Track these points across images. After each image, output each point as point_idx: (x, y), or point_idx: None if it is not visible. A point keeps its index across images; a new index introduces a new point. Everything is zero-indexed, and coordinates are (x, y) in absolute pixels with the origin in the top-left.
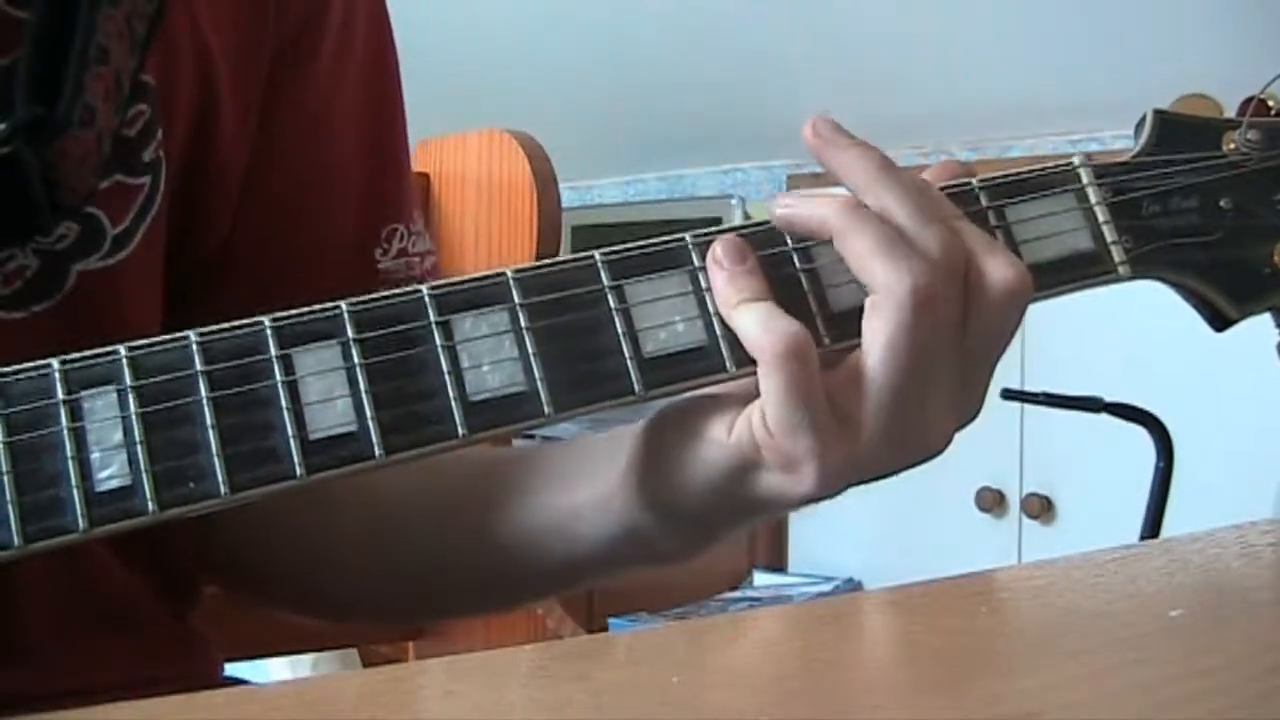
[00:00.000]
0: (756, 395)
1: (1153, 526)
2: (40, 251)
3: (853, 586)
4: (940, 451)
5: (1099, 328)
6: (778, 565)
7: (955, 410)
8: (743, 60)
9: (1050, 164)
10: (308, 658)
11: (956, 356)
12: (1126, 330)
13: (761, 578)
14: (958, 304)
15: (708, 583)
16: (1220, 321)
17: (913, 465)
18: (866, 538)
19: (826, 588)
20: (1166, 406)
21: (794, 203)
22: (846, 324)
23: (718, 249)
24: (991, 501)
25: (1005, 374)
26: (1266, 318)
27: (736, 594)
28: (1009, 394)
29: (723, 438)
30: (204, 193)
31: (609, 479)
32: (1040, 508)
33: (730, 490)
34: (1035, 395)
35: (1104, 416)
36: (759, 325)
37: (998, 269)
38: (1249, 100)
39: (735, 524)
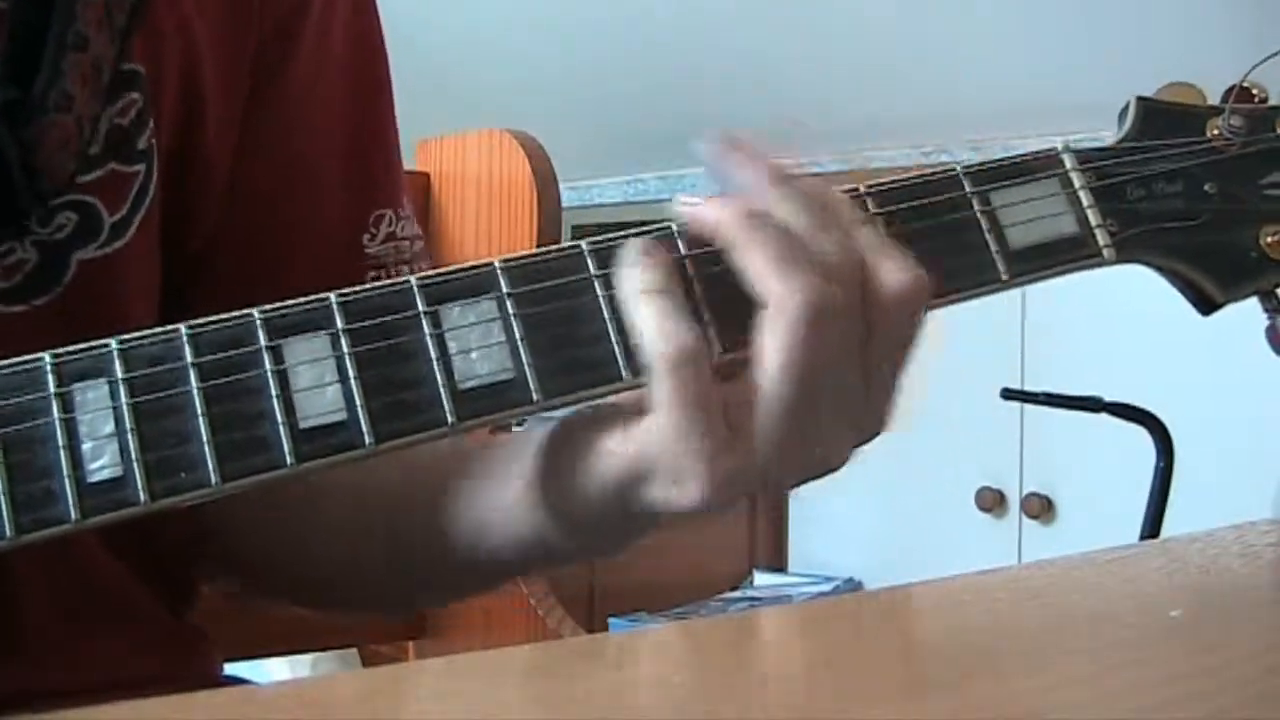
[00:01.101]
0: None
1: (1153, 526)
2: (39, 243)
3: (853, 586)
4: (839, 467)
5: (1099, 328)
6: (778, 565)
7: (857, 425)
8: (743, 60)
9: (1034, 151)
10: (307, 658)
11: (857, 369)
12: (1126, 330)
13: (762, 578)
14: (856, 315)
15: (708, 583)
16: (1206, 305)
17: (809, 480)
18: (866, 538)
19: (827, 588)
20: (1166, 406)
21: (693, 205)
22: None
23: (627, 247)
24: (991, 501)
25: (1005, 374)
26: (1260, 312)
27: (737, 594)
28: (1009, 394)
29: (617, 448)
30: (192, 182)
31: (515, 485)
32: (1040, 508)
33: (624, 501)
34: (1035, 395)
35: (1104, 416)
36: (654, 327)
37: (891, 274)
38: (1232, 88)
39: (632, 534)
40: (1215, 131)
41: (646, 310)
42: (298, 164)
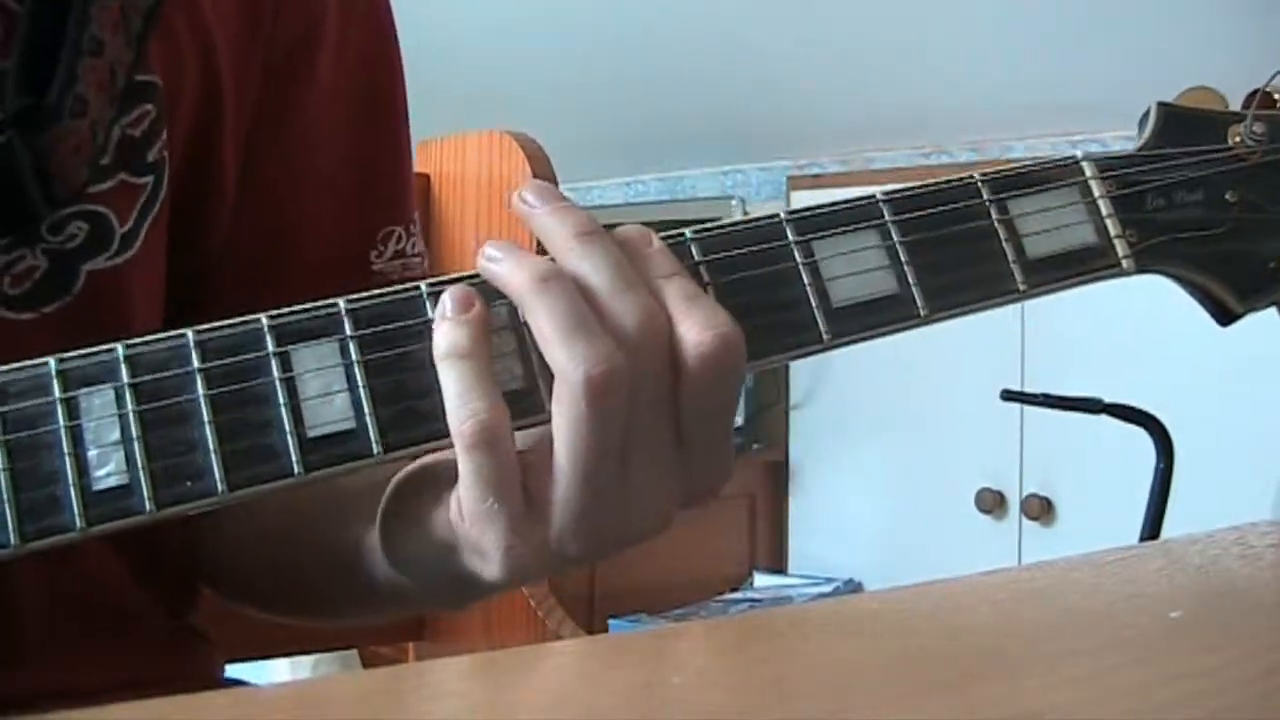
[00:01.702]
0: None
1: (1153, 527)
2: (49, 252)
3: (853, 587)
4: (660, 532)
5: (1099, 328)
6: (778, 566)
7: (678, 488)
8: (743, 61)
9: (1053, 159)
10: (308, 659)
11: (668, 432)
12: (1126, 330)
13: (762, 579)
14: (662, 379)
15: (708, 584)
16: (1225, 316)
17: (627, 548)
18: (866, 539)
19: (827, 588)
20: (1166, 406)
21: (494, 259)
22: (848, 319)
23: (445, 297)
24: (991, 502)
25: (1005, 375)
26: (1267, 316)
27: (737, 595)
28: (1009, 395)
29: (438, 514)
30: (205, 191)
31: (371, 533)
32: (1040, 509)
33: (444, 565)
34: (1035, 396)
35: (1104, 418)
36: (454, 397)
37: (693, 334)
38: (1254, 93)
39: (468, 595)
40: (1237, 139)
41: (447, 378)
42: (306, 178)
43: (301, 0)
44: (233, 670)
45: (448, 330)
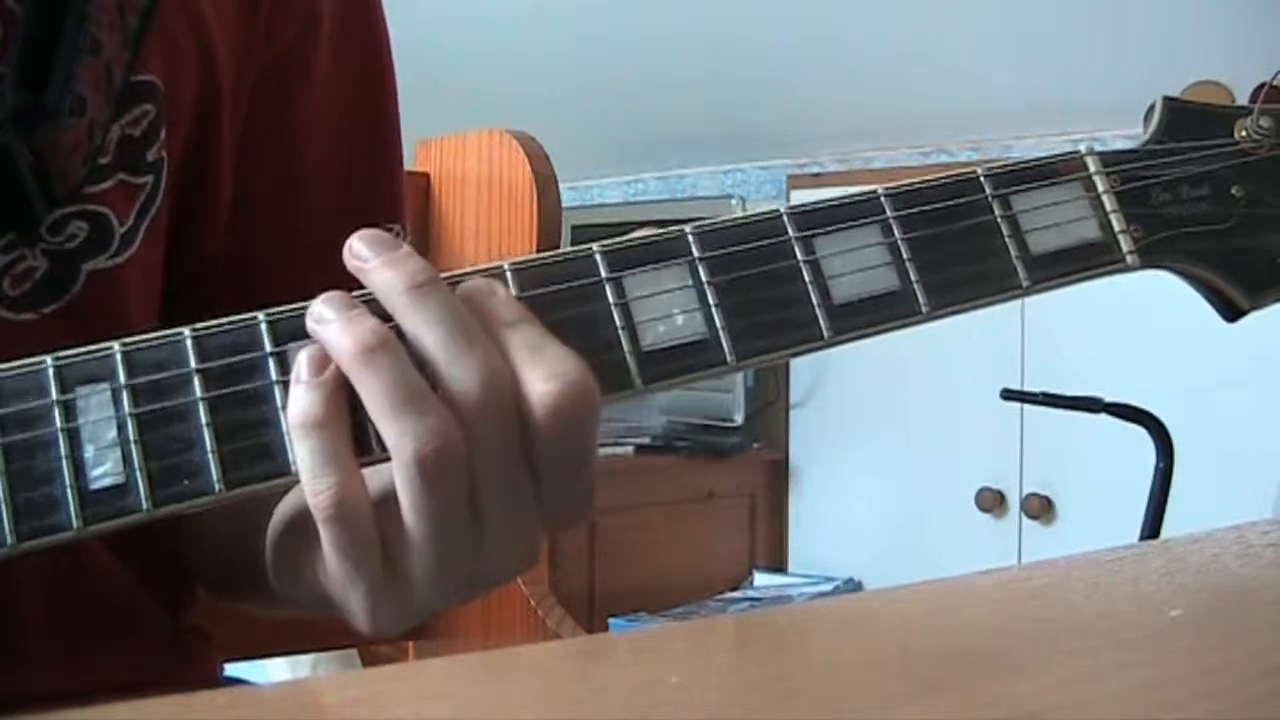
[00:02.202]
0: None
1: (1153, 527)
2: (49, 252)
3: (853, 587)
4: (529, 567)
5: (1099, 328)
6: (778, 565)
7: (538, 524)
8: (743, 60)
9: (1057, 154)
10: (307, 658)
11: (523, 478)
12: (1126, 330)
13: (762, 578)
14: (510, 432)
15: (708, 583)
16: (1232, 312)
17: (494, 587)
18: (866, 538)
19: (827, 588)
20: (1166, 406)
21: (322, 321)
22: (850, 316)
23: (300, 358)
24: (992, 502)
25: (1005, 374)
26: (1268, 315)
27: (737, 594)
28: (1009, 394)
29: (311, 566)
30: (203, 190)
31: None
32: (1040, 508)
33: (324, 608)
34: (1035, 395)
35: (1104, 417)
36: (310, 467)
37: (539, 384)
38: (1261, 87)
39: (351, 639)
40: (1243, 133)
41: (301, 447)
42: (303, 178)
43: (296, 2)
44: (233, 670)
45: (301, 397)
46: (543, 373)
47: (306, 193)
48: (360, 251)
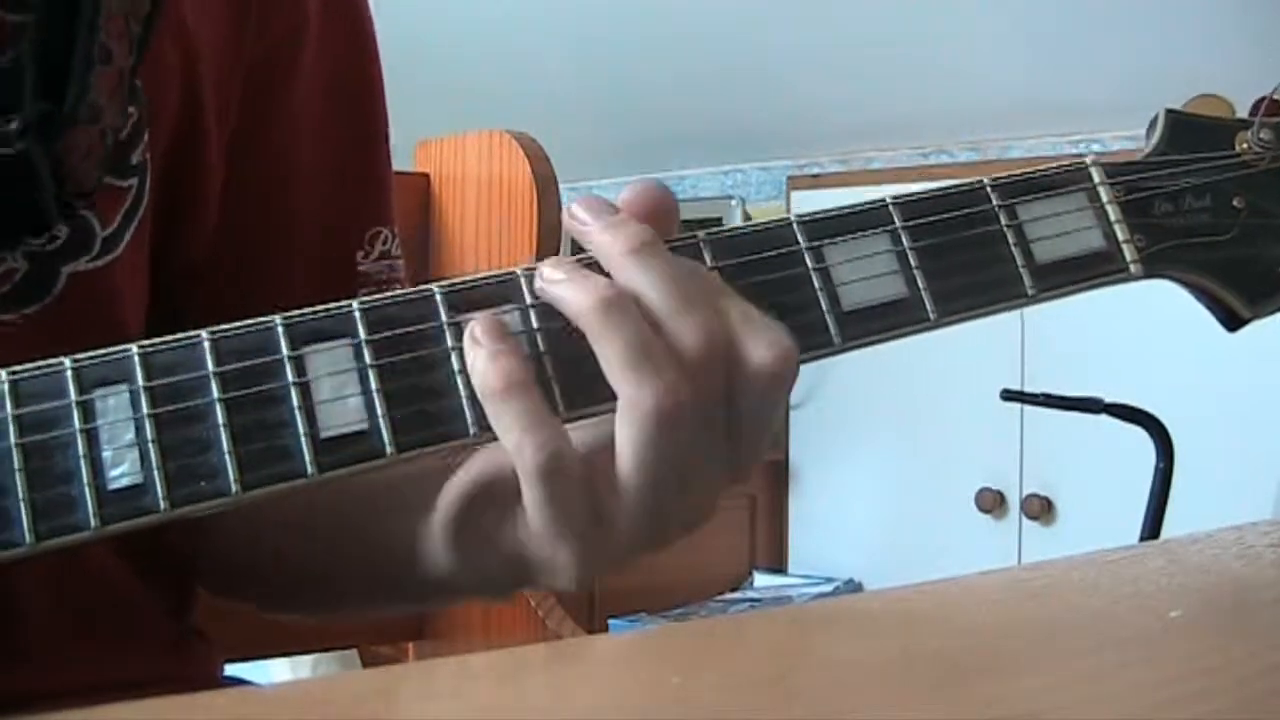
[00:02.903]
0: None
1: (1153, 527)
2: (30, 254)
3: (853, 587)
4: (711, 516)
5: (1099, 328)
6: (778, 566)
7: (723, 484)
8: (742, 60)
9: (1061, 163)
10: (308, 659)
11: (721, 441)
12: (1126, 330)
13: (762, 579)
14: (719, 393)
15: (708, 584)
16: (1234, 322)
17: (685, 536)
18: (866, 538)
19: (827, 588)
20: (1166, 406)
21: (555, 281)
22: (859, 323)
23: (476, 328)
24: (992, 502)
25: (1005, 375)
26: (1269, 320)
27: (737, 595)
28: (1009, 395)
29: (507, 531)
30: (189, 194)
31: (436, 521)
32: (1040, 508)
33: (510, 575)
34: (1035, 396)
35: (1104, 417)
36: (520, 428)
37: (758, 350)
38: (1261, 100)
39: (515, 594)
40: (1244, 145)
41: (505, 411)
42: (291, 181)
43: (284, 3)
44: (233, 670)
45: (494, 361)
46: (762, 339)
47: (294, 193)
48: (581, 215)
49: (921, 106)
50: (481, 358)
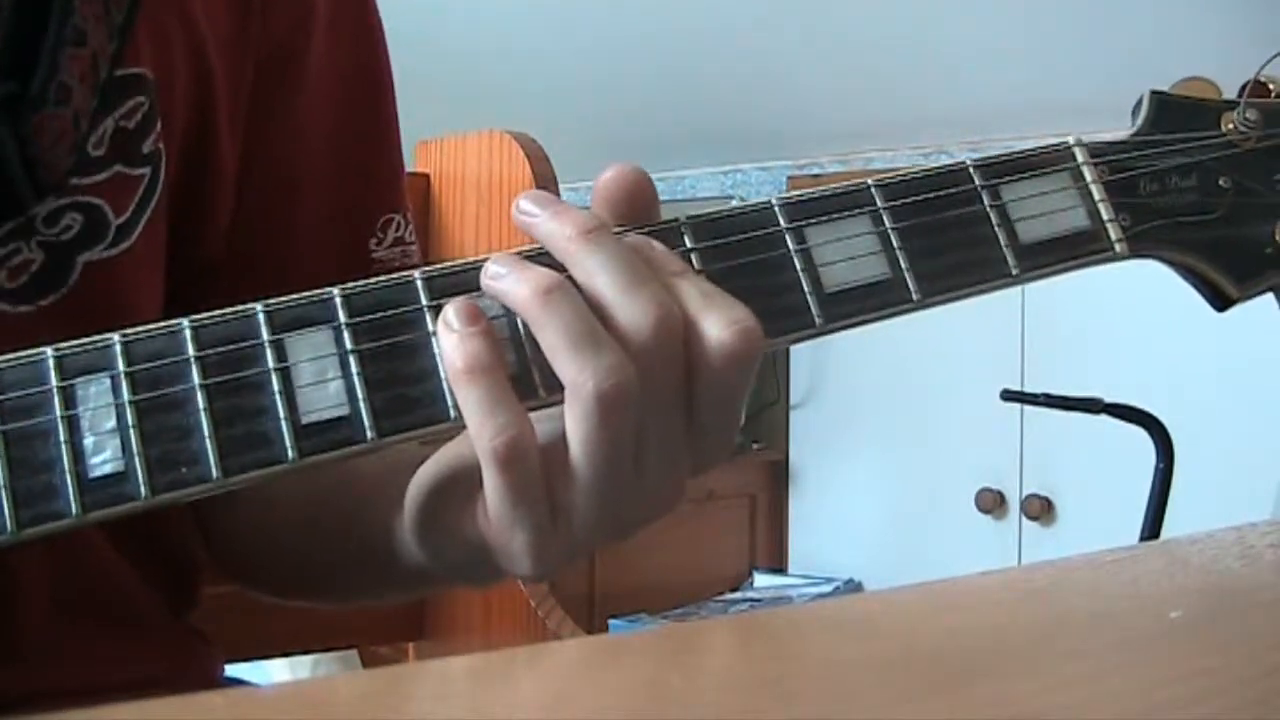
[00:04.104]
0: None
1: (1153, 527)
2: (45, 244)
3: (853, 587)
4: (675, 507)
5: (1099, 328)
6: (778, 566)
7: (689, 465)
8: (742, 61)
9: (1044, 145)
10: (307, 659)
11: (680, 426)
12: (1126, 331)
13: (762, 579)
14: (677, 375)
15: (708, 584)
16: (1221, 301)
17: (646, 526)
18: (866, 539)
19: (827, 589)
20: (1166, 407)
21: (498, 275)
22: (841, 304)
23: (449, 311)
24: (991, 502)
25: (1005, 375)
26: (1266, 316)
27: (737, 595)
28: (1009, 395)
29: (468, 517)
30: (203, 184)
31: (409, 513)
32: (1040, 509)
33: (475, 561)
34: (1035, 396)
35: (1104, 417)
36: (480, 411)
37: (715, 329)
38: (1248, 82)
39: (489, 583)
40: (1230, 126)
41: (469, 393)
42: (304, 170)
43: None
44: (233, 670)
45: (462, 344)
46: (721, 319)
47: (307, 183)
48: (528, 208)
49: (921, 107)
50: (450, 341)
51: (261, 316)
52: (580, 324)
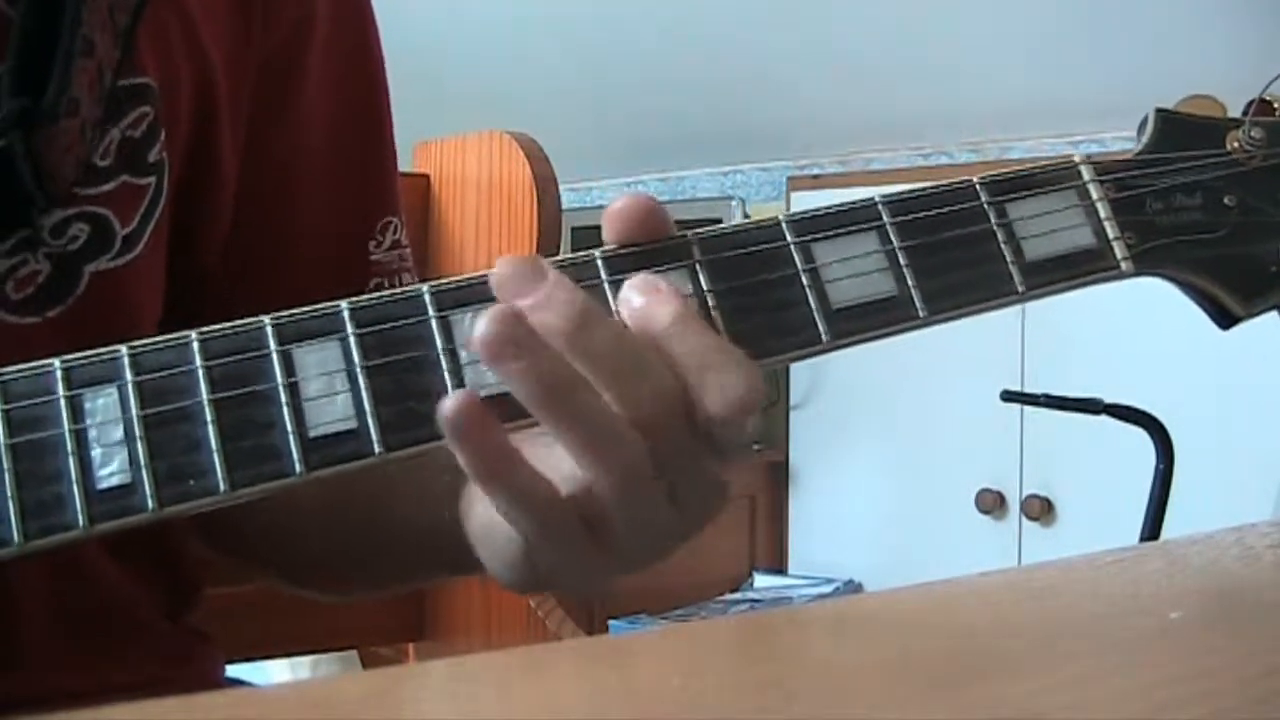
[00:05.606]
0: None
1: (1153, 528)
2: (51, 255)
3: (853, 588)
4: (714, 518)
5: (1099, 329)
6: (778, 567)
7: (714, 489)
8: (742, 61)
9: (1049, 162)
10: (307, 659)
11: (699, 450)
12: (1126, 331)
13: (762, 579)
14: (683, 433)
15: (708, 585)
16: (1226, 319)
17: (685, 543)
18: (866, 539)
19: (827, 589)
20: (1166, 407)
21: (499, 360)
22: (848, 321)
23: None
24: (991, 503)
25: (1005, 376)
26: (1268, 320)
27: (737, 596)
28: (1009, 395)
29: (514, 570)
30: (205, 192)
31: (449, 508)
32: (1040, 509)
33: (528, 581)
34: (1035, 397)
35: (1104, 418)
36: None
37: (716, 393)
38: (1253, 101)
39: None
40: (1235, 144)
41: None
42: (303, 175)
43: (290, 1)
44: (233, 670)
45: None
46: (724, 381)
47: (306, 189)
48: (508, 287)
49: (921, 107)
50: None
51: (270, 329)
52: (591, 426)
